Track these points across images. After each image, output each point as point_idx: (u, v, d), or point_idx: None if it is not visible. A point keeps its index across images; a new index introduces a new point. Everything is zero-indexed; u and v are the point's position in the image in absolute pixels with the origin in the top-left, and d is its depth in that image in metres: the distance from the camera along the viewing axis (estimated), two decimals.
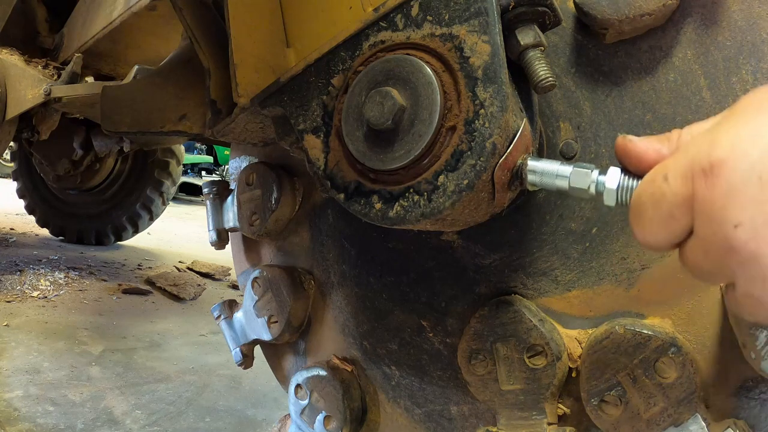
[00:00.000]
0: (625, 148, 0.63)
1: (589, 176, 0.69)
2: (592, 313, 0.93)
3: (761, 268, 0.47)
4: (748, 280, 0.49)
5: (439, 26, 0.78)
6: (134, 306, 3.84)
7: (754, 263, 0.47)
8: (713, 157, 0.48)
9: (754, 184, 0.46)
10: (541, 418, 0.93)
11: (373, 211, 0.83)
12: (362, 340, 1.21)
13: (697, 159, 0.50)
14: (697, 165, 0.49)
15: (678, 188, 0.51)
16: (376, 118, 0.78)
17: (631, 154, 0.62)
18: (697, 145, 0.51)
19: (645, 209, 0.55)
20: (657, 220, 0.54)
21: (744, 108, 0.50)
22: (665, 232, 0.54)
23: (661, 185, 0.53)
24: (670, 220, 0.53)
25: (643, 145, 0.61)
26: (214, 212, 1.42)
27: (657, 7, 0.80)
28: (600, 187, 0.67)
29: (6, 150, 4.19)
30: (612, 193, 0.65)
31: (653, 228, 0.55)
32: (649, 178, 0.55)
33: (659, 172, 0.54)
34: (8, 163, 8.28)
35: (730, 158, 0.47)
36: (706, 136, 0.51)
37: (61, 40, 3.08)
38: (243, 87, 1.00)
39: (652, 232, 0.55)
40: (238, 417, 2.42)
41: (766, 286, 0.47)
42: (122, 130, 1.40)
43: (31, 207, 5.51)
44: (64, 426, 2.11)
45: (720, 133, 0.50)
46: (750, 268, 0.48)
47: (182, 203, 10.83)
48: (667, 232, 0.54)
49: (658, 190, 0.53)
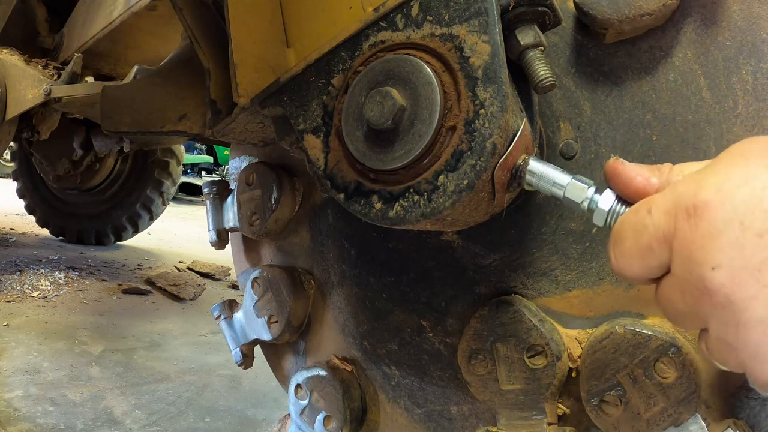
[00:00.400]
0: (615, 170, 0.64)
1: (585, 192, 0.70)
2: (592, 313, 0.93)
3: (735, 313, 0.47)
4: (721, 324, 0.49)
5: (439, 26, 0.78)
6: (134, 306, 3.84)
7: (729, 307, 0.47)
8: (698, 198, 0.49)
9: (735, 228, 0.47)
10: (541, 418, 0.93)
11: (373, 211, 0.83)
12: (362, 340, 1.21)
13: (682, 198, 0.51)
14: (682, 204, 0.51)
15: (660, 223, 0.52)
16: (376, 118, 0.78)
17: (621, 178, 0.63)
18: (684, 184, 0.52)
19: (625, 238, 0.57)
20: (635, 250, 0.55)
21: (734, 155, 0.51)
22: (641, 264, 0.55)
23: (645, 217, 0.54)
24: (648, 253, 0.54)
25: (633, 171, 0.62)
26: (214, 212, 1.42)
27: (657, 7, 0.80)
28: (592, 205, 0.68)
29: (6, 150, 4.19)
30: (603, 213, 0.67)
31: (630, 258, 0.56)
32: (634, 208, 0.57)
33: (644, 205, 0.55)
34: (8, 163, 8.28)
35: (715, 201, 0.48)
36: (694, 176, 0.52)
37: (61, 40, 3.08)
38: (243, 87, 1.00)
39: (629, 262, 0.56)
40: (238, 417, 2.42)
41: (738, 331, 0.48)
42: (122, 130, 1.40)
43: (31, 207, 5.51)
44: (64, 426, 2.11)
45: (708, 175, 0.51)
46: (724, 312, 0.48)
47: (182, 203, 10.83)
48: (643, 265, 0.55)
49: (640, 221, 0.54)
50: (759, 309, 0.46)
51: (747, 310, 0.47)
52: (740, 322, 0.47)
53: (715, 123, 0.82)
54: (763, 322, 0.46)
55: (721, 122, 0.82)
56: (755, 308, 0.46)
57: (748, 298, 0.46)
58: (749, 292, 0.46)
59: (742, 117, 0.80)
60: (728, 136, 0.81)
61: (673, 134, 0.85)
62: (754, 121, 0.79)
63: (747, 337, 0.47)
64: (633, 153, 0.88)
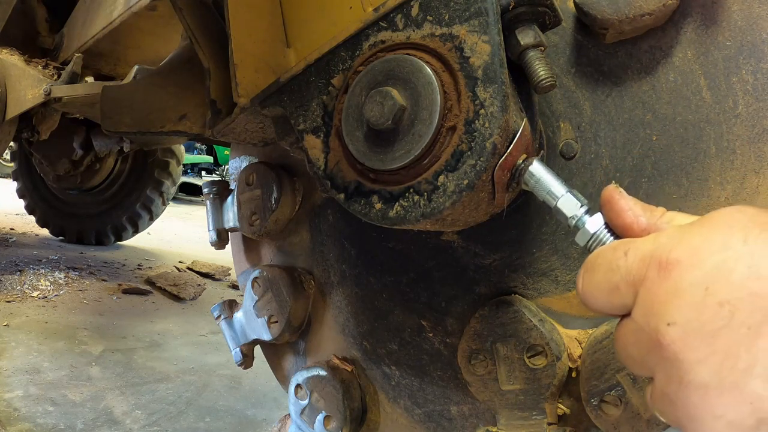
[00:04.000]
0: (611, 197, 0.65)
1: (576, 209, 0.70)
2: (592, 313, 0.93)
3: (679, 372, 0.49)
4: (666, 378, 0.50)
5: (439, 26, 0.78)
6: (134, 306, 3.84)
7: (675, 365, 0.49)
8: (672, 255, 0.51)
9: (699, 291, 0.48)
10: (541, 418, 0.93)
11: (373, 211, 0.83)
12: (362, 340, 1.21)
13: (659, 250, 0.53)
14: (657, 256, 0.53)
15: (632, 268, 0.54)
16: (376, 118, 0.78)
17: (612, 207, 0.64)
18: (665, 237, 0.54)
19: (597, 271, 0.59)
20: (604, 286, 0.58)
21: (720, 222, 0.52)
22: (605, 299, 0.58)
23: (620, 258, 0.56)
24: (614, 292, 0.56)
25: (626, 205, 0.63)
26: (214, 212, 1.42)
27: (657, 7, 0.80)
28: (579, 224, 0.69)
29: (6, 150, 4.19)
30: (587, 235, 0.67)
31: (597, 291, 0.58)
32: (614, 245, 0.59)
33: (624, 246, 0.57)
34: (8, 163, 8.28)
35: (687, 262, 0.50)
36: (679, 232, 0.54)
37: (61, 40, 3.08)
38: (243, 87, 1.00)
39: (594, 294, 0.59)
40: (238, 417, 2.42)
41: (680, 390, 0.49)
42: (122, 130, 1.40)
43: (31, 207, 5.51)
44: (64, 426, 2.11)
45: (688, 235, 0.52)
46: (670, 368, 0.50)
47: (182, 203, 10.83)
48: (607, 301, 0.58)
49: (615, 261, 0.57)
50: (703, 373, 0.47)
51: (691, 372, 0.48)
52: (683, 381, 0.48)
53: (715, 123, 0.82)
54: (704, 386, 0.47)
55: (721, 122, 0.82)
56: (700, 372, 0.47)
57: (695, 360, 0.48)
58: (698, 355, 0.47)
59: (742, 117, 0.80)
60: (728, 136, 0.81)
61: (673, 134, 0.85)
62: (754, 121, 0.79)
63: (687, 398, 0.49)
64: (633, 153, 0.88)
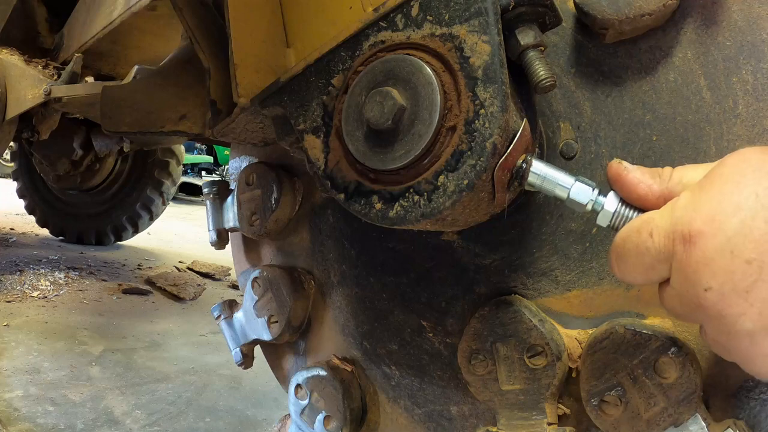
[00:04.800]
0: (618, 175, 0.68)
1: (590, 194, 0.72)
2: (592, 313, 0.93)
3: (726, 326, 0.54)
4: (716, 330, 0.56)
5: (439, 26, 0.78)
6: (134, 306, 3.84)
7: (720, 321, 0.54)
8: (693, 228, 0.55)
9: (726, 256, 0.52)
10: (541, 418, 0.93)
11: (373, 211, 0.83)
12: (362, 340, 1.21)
13: (679, 224, 0.56)
14: (679, 230, 0.56)
15: (661, 246, 0.58)
16: (376, 118, 0.78)
17: (623, 183, 0.68)
18: (682, 209, 0.57)
19: (628, 256, 0.62)
20: (639, 268, 0.62)
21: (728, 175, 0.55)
22: (643, 277, 0.62)
23: (646, 240, 0.60)
24: (650, 271, 0.61)
25: (635, 177, 0.67)
26: (214, 212, 1.42)
27: (657, 7, 0.80)
28: (597, 206, 0.71)
29: (6, 150, 4.19)
30: (608, 215, 0.69)
31: (634, 273, 0.63)
32: (636, 228, 0.62)
33: (646, 228, 0.60)
34: (8, 163, 8.28)
35: (708, 231, 0.54)
36: (690, 200, 0.57)
37: (61, 40, 3.08)
38: (243, 87, 1.00)
39: (632, 276, 0.63)
40: (238, 417, 2.42)
41: (730, 339, 0.55)
42: (122, 130, 1.40)
43: (31, 207, 5.51)
44: (64, 426, 2.11)
45: (703, 203, 0.56)
46: (717, 324, 0.55)
47: (182, 203, 10.83)
48: (645, 279, 0.62)
49: (643, 244, 0.60)
50: (747, 323, 0.53)
51: (736, 324, 0.53)
52: (731, 332, 0.54)
53: (715, 123, 0.82)
54: (750, 334, 0.53)
55: (721, 122, 0.82)
56: (743, 323, 0.53)
57: (737, 314, 0.53)
58: (738, 310, 0.53)
59: (742, 117, 0.80)
60: (728, 136, 0.81)
61: (673, 134, 0.85)
62: (754, 121, 0.79)
63: (738, 345, 0.55)
64: (633, 153, 0.88)
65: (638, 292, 0.88)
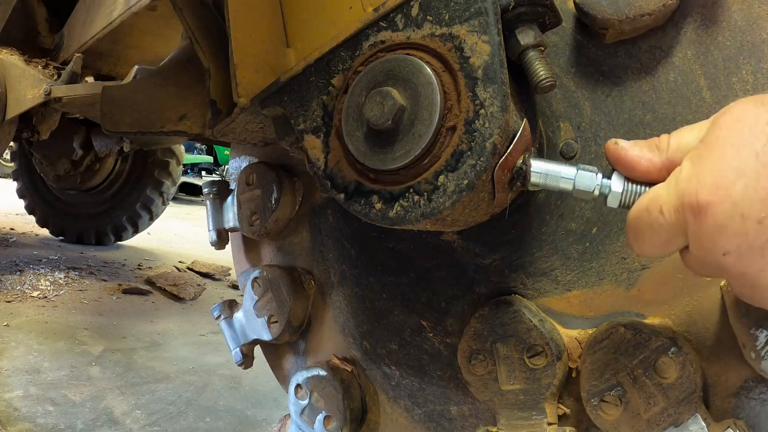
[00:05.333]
0: (617, 155, 0.68)
1: (594, 179, 0.72)
2: (592, 313, 0.93)
3: (749, 281, 0.57)
4: (740, 285, 0.59)
5: (439, 26, 0.78)
6: (134, 306, 3.84)
7: (742, 278, 0.57)
8: (701, 199, 0.56)
9: (737, 221, 0.54)
10: (541, 418, 0.93)
11: (373, 211, 0.83)
12: (362, 340, 1.21)
13: (686, 197, 0.57)
14: (687, 203, 0.57)
15: (673, 220, 0.59)
16: (376, 118, 0.78)
17: (624, 162, 0.68)
18: (684, 180, 0.58)
19: (644, 234, 0.63)
20: (656, 243, 0.63)
21: (726, 140, 0.56)
22: (662, 250, 0.63)
23: (658, 217, 0.61)
24: (668, 244, 0.62)
25: (635, 154, 0.67)
26: (214, 212, 1.42)
27: (657, 7, 0.80)
28: (605, 189, 0.71)
29: (6, 150, 4.19)
30: (617, 196, 0.69)
31: (652, 248, 0.64)
32: (645, 207, 0.63)
33: (654, 205, 0.61)
34: (8, 163, 8.28)
35: (716, 200, 0.55)
36: (692, 169, 0.58)
37: (61, 40, 3.08)
38: (243, 87, 1.00)
39: (651, 250, 0.64)
40: (238, 417, 2.42)
41: (755, 291, 0.58)
42: (122, 130, 1.40)
43: (31, 207, 5.51)
44: (64, 426, 2.11)
45: (705, 172, 0.57)
46: (740, 281, 0.58)
47: (182, 203, 10.83)
48: (664, 251, 0.63)
49: (655, 221, 0.61)
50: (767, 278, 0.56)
51: (759, 279, 0.56)
52: (755, 286, 0.57)
53: None
54: None
55: None
56: (765, 277, 0.56)
57: (758, 270, 0.55)
58: (758, 267, 0.55)
59: None
60: None
61: None
62: None
63: (762, 296, 0.58)
64: None
65: (638, 292, 0.88)
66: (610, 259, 0.90)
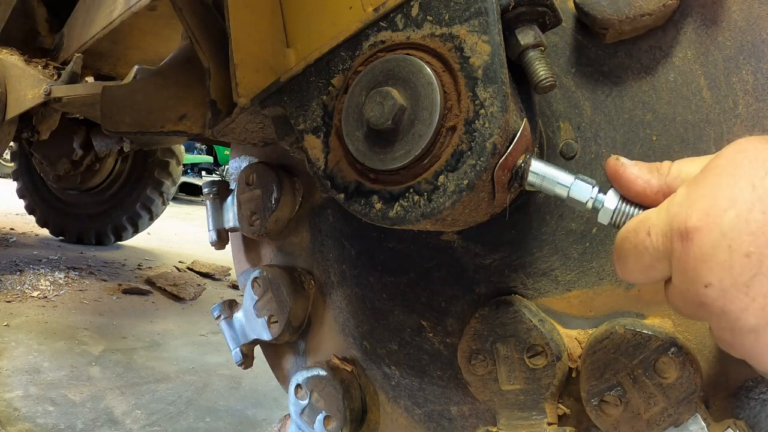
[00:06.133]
0: (616, 172, 0.68)
1: (590, 192, 0.72)
2: (592, 313, 0.93)
3: (729, 322, 0.53)
4: (719, 327, 0.55)
5: (439, 26, 0.78)
6: (134, 306, 3.84)
7: (723, 317, 0.53)
8: (689, 224, 0.54)
9: (723, 251, 0.51)
10: (541, 418, 0.93)
11: (373, 211, 0.83)
12: (362, 340, 1.21)
13: (676, 221, 0.55)
14: (676, 227, 0.55)
15: (659, 245, 0.57)
16: (376, 118, 0.78)
17: (621, 179, 0.67)
18: (676, 204, 0.57)
19: (628, 256, 0.62)
20: (639, 267, 0.61)
21: (724, 168, 0.54)
22: (645, 277, 0.61)
23: (644, 239, 0.59)
24: (650, 270, 0.60)
25: (633, 173, 0.66)
26: (214, 212, 1.42)
27: (657, 7, 0.80)
28: (598, 204, 0.71)
29: (6, 150, 4.19)
30: (608, 213, 0.69)
31: (634, 273, 0.62)
32: (633, 228, 0.61)
33: (643, 227, 0.60)
34: (8, 163, 8.28)
35: (704, 227, 0.52)
36: (686, 195, 0.56)
37: (61, 40, 3.08)
38: (243, 87, 1.00)
39: (633, 275, 0.62)
40: (238, 417, 2.42)
41: (734, 335, 0.54)
42: (122, 130, 1.40)
43: (31, 207, 5.51)
44: (64, 426, 2.11)
45: (698, 198, 0.55)
46: (720, 320, 0.54)
47: (182, 203, 10.83)
48: (647, 277, 0.61)
49: (641, 243, 0.59)
50: (750, 319, 0.51)
51: (739, 320, 0.52)
52: (734, 329, 0.53)
53: (715, 123, 0.82)
54: (754, 329, 0.52)
55: (721, 122, 0.82)
56: (746, 318, 0.51)
57: (739, 310, 0.51)
58: (740, 306, 0.51)
59: (742, 117, 0.80)
60: (728, 137, 0.81)
61: (673, 134, 0.85)
62: (754, 121, 0.79)
63: (742, 342, 0.53)
64: (633, 153, 0.88)
65: (638, 292, 0.88)
66: (610, 259, 0.90)
